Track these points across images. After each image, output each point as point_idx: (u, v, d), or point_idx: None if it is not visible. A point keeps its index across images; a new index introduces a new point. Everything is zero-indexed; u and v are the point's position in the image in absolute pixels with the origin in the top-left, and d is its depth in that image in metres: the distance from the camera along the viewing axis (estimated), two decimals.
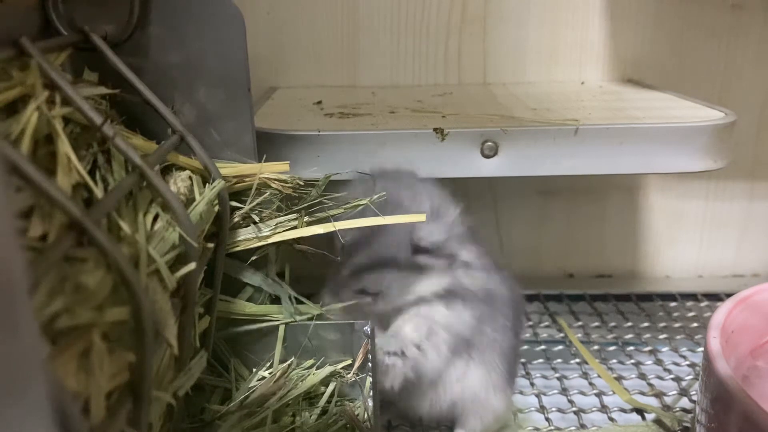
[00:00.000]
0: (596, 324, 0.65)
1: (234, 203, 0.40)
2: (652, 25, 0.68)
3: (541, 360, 0.60)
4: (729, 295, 0.49)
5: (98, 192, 0.29)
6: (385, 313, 0.44)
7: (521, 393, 0.54)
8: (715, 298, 0.70)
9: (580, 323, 0.65)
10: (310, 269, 0.45)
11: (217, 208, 0.38)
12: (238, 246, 0.41)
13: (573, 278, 0.76)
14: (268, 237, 0.41)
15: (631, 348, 0.61)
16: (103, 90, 0.36)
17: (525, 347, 0.59)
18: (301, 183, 0.42)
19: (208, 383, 0.42)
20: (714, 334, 0.43)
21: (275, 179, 0.41)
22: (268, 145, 0.44)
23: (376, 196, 0.42)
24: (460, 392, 0.46)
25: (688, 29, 0.68)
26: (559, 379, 0.56)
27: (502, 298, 0.46)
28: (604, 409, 0.52)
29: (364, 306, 0.43)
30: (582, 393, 0.54)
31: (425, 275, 0.43)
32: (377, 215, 0.41)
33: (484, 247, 0.46)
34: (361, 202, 0.42)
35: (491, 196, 0.73)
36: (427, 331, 0.43)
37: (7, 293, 0.14)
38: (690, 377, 0.56)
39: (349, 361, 0.43)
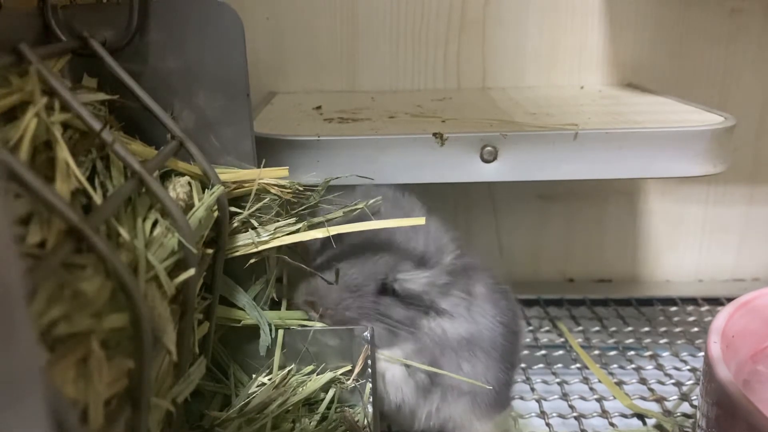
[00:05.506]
0: (597, 329, 0.65)
1: (233, 209, 0.40)
2: (652, 29, 0.68)
3: (541, 365, 0.59)
4: (729, 300, 0.49)
5: (97, 198, 0.29)
6: None
7: (522, 398, 0.54)
8: (716, 302, 0.70)
9: (580, 328, 0.65)
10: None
11: (216, 213, 0.37)
12: (237, 251, 0.41)
13: (573, 283, 0.76)
14: (267, 242, 0.41)
15: (632, 353, 0.61)
16: (102, 96, 0.36)
17: (525, 352, 0.59)
18: (301, 188, 0.42)
19: (208, 389, 0.42)
20: (714, 338, 0.43)
21: (274, 184, 0.41)
22: (267, 151, 0.44)
23: (372, 201, 0.42)
24: (441, 422, 0.46)
25: (687, 33, 0.68)
26: (559, 384, 0.56)
27: (488, 332, 0.45)
28: (604, 414, 0.52)
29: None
30: (582, 398, 0.54)
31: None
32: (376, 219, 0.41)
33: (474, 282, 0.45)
34: (358, 206, 0.42)
35: (491, 201, 0.73)
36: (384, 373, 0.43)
37: (5, 300, 0.14)
38: (691, 382, 0.56)
39: (348, 367, 0.43)
